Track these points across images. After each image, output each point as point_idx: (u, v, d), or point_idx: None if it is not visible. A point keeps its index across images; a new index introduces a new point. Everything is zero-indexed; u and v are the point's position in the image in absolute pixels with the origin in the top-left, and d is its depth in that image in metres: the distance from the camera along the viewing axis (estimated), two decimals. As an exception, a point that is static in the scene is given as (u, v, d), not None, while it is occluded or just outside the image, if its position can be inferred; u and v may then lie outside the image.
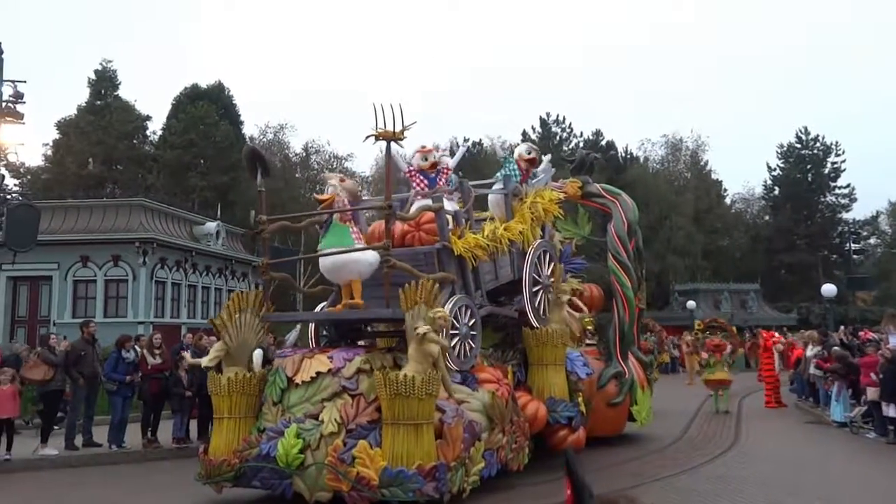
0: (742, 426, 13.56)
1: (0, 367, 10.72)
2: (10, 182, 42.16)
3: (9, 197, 31.95)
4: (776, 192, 53.37)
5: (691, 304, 37.09)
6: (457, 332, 8.05)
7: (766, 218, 54.82)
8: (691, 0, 78.97)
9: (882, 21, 75.39)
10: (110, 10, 70.65)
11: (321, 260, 8.09)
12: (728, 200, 56.85)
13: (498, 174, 10.22)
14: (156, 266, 23.35)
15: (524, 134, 49.44)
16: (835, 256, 52.56)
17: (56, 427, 11.35)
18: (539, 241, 10.01)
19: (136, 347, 11.58)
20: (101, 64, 43.22)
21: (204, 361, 8.35)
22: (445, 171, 9.36)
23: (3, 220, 15.50)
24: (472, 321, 8.35)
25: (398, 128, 7.58)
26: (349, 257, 7.86)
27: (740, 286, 43.52)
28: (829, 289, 26.07)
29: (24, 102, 16.96)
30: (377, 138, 7.65)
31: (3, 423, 10.28)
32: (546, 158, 11.05)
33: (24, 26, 67.34)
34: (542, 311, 9.73)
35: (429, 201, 8.57)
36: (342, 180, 8.25)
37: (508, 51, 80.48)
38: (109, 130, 40.83)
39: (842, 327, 21.47)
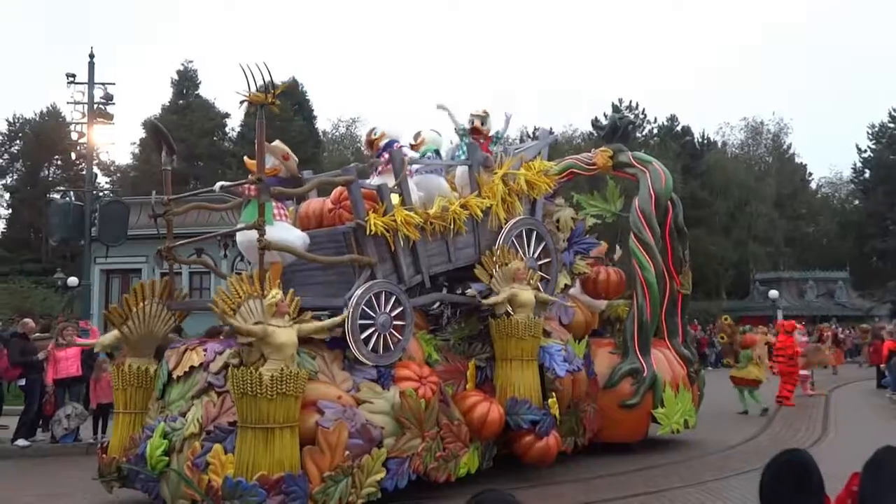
0: (830, 421, 13.00)
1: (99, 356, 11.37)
2: (102, 180, 44.86)
3: (101, 194, 33.79)
4: (867, 174, 50.64)
5: (773, 293, 35.65)
6: (371, 321, 7.05)
7: (856, 202, 52.17)
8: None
9: None
10: (190, 10, 73.43)
11: (238, 238, 7.46)
12: (813, 185, 54.44)
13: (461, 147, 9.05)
14: (236, 259, 24.15)
15: (594, 120, 48.57)
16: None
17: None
18: (519, 218, 8.89)
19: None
20: (182, 64, 45.24)
21: (97, 347, 8.36)
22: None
23: (96, 216, 16.48)
24: (398, 310, 7.31)
25: (269, 90, 6.98)
26: (249, 236, 7.11)
27: (827, 274, 41.59)
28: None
29: (114, 104, 17.94)
30: (250, 104, 7.01)
31: (102, 408, 10.91)
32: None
33: (111, 28, 70.80)
34: None
35: (390, 180, 7.77)
36: (286, 157, 7.52)
37: (586, 37, 79.14)
38: (191, 128, 42.62)
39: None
